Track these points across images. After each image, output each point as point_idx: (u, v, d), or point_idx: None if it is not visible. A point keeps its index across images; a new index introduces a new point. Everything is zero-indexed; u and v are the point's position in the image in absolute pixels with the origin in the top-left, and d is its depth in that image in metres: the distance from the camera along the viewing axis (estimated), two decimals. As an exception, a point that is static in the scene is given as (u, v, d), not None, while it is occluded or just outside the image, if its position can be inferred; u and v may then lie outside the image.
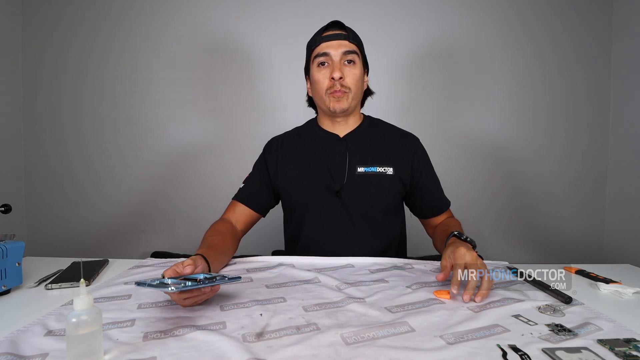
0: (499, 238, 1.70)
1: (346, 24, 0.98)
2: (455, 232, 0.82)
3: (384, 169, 0.96)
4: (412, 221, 1.13)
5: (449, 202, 1.06)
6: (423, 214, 1.06)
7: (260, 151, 1.07)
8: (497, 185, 1.70)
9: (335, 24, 0.97)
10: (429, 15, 1.66)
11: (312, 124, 1.06)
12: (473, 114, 1.69)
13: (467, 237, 0.79)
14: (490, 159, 1.69)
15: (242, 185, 1.02)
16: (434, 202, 1.04)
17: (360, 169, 0.96)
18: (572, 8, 1.64)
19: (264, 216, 1.04)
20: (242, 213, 0.98)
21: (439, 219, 1.05)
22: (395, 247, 1.04)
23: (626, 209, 1.58)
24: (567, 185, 1.68)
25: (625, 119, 1.59)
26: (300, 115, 1.14)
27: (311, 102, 1.07)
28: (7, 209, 0.83)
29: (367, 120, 1.04)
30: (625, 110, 1.60)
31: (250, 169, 1.06)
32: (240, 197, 1.00)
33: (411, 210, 1.08)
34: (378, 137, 1.01)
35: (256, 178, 1.02)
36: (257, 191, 1.01)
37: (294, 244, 1.03)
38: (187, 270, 0.64)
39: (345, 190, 0.94)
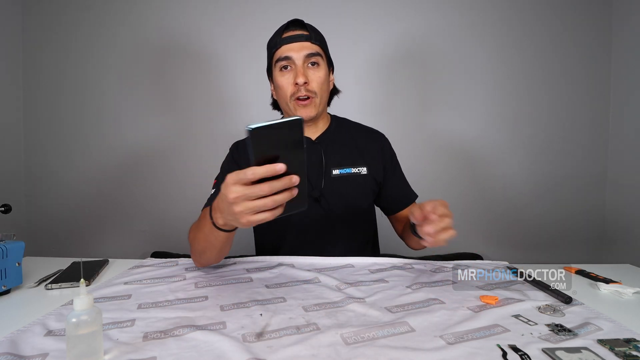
0: (498, 238, 1.70)
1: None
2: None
3: (358, 170, 0.96)
4: (382, 217, 1.13)
5: (416, 195, 1.05)
6: (391, 209, 1.05)
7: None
8: (497, 185, 1.70)
9: (296, 23, 0.92)
10: (429, 15, 1.66)
11: None
12: (473, 114, 1.69)
13: None
14: (489, 159, 1.69)
15: (214, 190, 0.92)
16: (401, 196, 1.03)
17: (336, 172, 0.95)
18: (572, 8, 1.64)
19: None
20: None
21: (407, 213, 1.03)
22: (371, 244, 1.04)
23: (626, 208, 1.58)
24: (567, 185, 1.68)
25: (625, 119, 1.59)
26: (264, 113, 1.10)
27: (276, 105, 1.03)
28: (7, 209, 0.83)
29: (335, 121, 1.03)
30: (625, 110, 1.60)
31: None
32: None
33: (379, 206, 1.07)
34: (348, 137, 1.00)
35: None
36: None
37: (274, 253, 0.97)
38: None
39: (323, 194, 0.93)
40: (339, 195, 0.94)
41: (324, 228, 0.95)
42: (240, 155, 0.98)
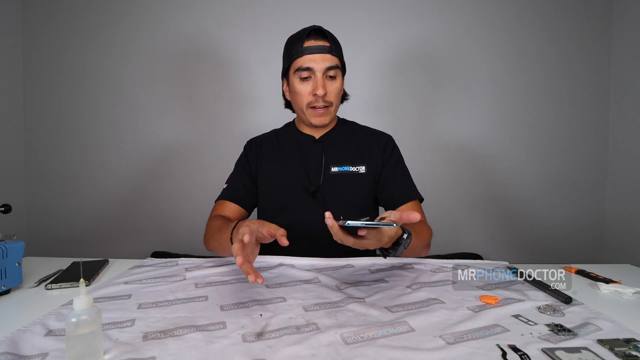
0: (499, 238, 1.70)
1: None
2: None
3: (357, 168, 1.00)
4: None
5: (421, 196, 1.01)
6: (389, 204, 1.01)
7: (241, 150, 1.09)
8: (497, 185, 1.70)
9: (318, 33, 0.94)
10: (429, 19, 1.66)
11: (291, 127, 1.09)
12: (474, 114, 1.69)
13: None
14: (490, 160, 1.69)
15: (226, 185, 1.03)
16: (399, 192, 1.00)
17: (334, 169, 0.99)
18: (572, 8, 1.64)
19: (249, 215, 1.05)
20: (233, 211, 0.99)
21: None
22: None
23: (626, 208, 1.58)
24: (567, 185, 1.68)
25: (625, 119, 1.59)
26: (277, 113, 1.15)
27: (288, 104, 1.07)
28: (7, 209, 0.83)
29: (341, 123, 1.08)
30: (625, 110, 1.60)
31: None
32: (229, 195, 1.01)
33: (380, 204, 1.05)
34: (351, 137, 1.05)
35: (241, 176, 1.04)
36: (243, 188, 1.03)
37: (270, 247, 0.94)
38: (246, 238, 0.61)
39: (321, 191, 0.97)
40: (336, 191, 0.98)
41: (319, 224, 0.92)
42: (252, 152, 1.05)
